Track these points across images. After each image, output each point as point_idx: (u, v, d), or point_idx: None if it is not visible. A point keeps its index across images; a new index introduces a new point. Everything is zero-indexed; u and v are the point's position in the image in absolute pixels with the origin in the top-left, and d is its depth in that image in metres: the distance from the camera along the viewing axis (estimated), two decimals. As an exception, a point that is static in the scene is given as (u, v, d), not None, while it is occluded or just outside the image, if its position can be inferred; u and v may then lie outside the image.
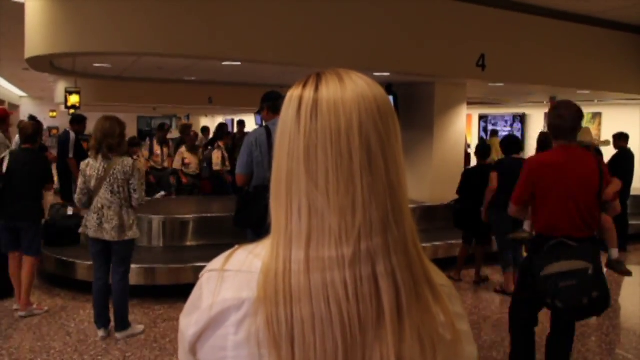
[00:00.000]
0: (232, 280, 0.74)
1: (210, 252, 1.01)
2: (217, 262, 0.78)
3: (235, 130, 12.41)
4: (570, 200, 3.08)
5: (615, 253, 3.54)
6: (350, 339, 0.68)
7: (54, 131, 14.33)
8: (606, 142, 5.61)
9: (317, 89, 0.73)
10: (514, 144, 5.73)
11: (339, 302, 0.68)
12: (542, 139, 5.84)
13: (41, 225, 5.07)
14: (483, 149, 6.20)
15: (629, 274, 3.57)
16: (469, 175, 6.08)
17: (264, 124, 4.32)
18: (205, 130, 14.23)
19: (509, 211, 3.35)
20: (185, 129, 9.94)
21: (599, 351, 4.33)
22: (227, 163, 9.02)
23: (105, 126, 4.09)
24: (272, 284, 0.69)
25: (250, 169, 4.06)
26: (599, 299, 2.89)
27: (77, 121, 7.72)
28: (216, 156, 9.01)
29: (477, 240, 6.02)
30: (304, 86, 0.75)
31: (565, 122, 3.14)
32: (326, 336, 0.67)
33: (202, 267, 0.80)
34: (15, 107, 15.97)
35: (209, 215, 6.47)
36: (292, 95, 0.75)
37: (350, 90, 0.73)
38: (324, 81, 0.74)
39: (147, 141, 9.79)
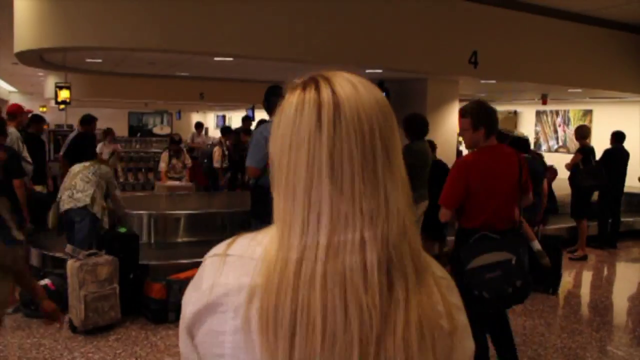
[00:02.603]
0: (234, 265, 0.75)
1: (202, 248, 0.99)
2: (219, 247, 0.79)
3: (239, 126, 12.31)
4: (493, 195, 3.10)
5: (536, 245, 3.59)
6: (351, 328, 0.68)
7: (45, 126, 14.14)
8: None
9: (333, 92, 0.73)
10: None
11: (344, 291, 0.68)
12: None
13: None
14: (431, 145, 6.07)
15: (548, 265, 3.64)
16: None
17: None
18: (200, 126, 14.08)
19: (440, 217, 3.22)
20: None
21: (589, 347, 4.36)
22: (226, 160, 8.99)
23: None
24: (271, 271, 0.70)
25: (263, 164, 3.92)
26: (522, 287, 2.98)
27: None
28: (217, 153, 8.95)
29: (432, 235, 5.86)
30: (316, 89, 0.73)
31: (496, 117, 3.18)
32: (327, 324, 0.68)
33: (194, 264, 0.79)
34: (4, 103, 15.84)
35: (201, 211, 6.44)
36: (304, 98, 0.74)
37: (365, 93, 0.74)
38: (337, 84, 0.74)
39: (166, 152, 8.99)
